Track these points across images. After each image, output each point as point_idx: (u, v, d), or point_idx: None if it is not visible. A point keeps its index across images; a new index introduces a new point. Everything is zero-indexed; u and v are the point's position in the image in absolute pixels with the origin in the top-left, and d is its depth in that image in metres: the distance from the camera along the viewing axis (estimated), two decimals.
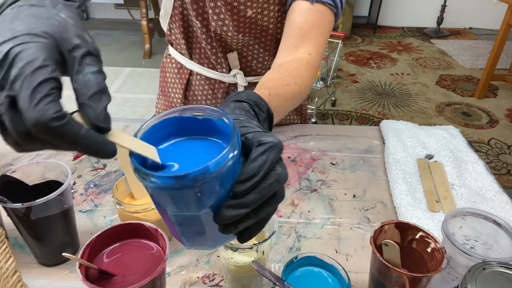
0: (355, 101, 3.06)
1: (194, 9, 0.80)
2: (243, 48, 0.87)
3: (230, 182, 0.34)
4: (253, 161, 0.34)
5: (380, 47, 4.07)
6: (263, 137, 0.36)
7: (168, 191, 0.32)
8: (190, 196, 0.33)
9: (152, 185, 0.32)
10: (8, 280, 0.51)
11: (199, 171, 0.31)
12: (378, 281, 0.54)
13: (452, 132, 0.97)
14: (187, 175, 0.31)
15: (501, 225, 0.56)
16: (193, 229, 0.36)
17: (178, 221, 0.36)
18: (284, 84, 0.61)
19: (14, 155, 0.87)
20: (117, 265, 0.51)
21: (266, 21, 0.81)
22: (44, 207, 0.56)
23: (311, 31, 0.71)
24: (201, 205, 0.34)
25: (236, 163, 0.34)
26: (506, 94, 3.21)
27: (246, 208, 0.34)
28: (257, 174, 0.34)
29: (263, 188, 0.34)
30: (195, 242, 0.39)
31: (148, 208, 0.61)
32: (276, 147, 0.35)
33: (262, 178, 0.34)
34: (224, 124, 0.37)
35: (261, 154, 0.34)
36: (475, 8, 4.48)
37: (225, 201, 0.34)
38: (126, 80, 3.26)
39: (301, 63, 0.68)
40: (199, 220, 0.35)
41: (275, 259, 0.66)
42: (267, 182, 0.34)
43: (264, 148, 0.35)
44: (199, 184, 0.32)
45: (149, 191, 0.35)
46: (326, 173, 0.85)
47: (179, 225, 0.37)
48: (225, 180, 0.33)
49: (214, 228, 0.36)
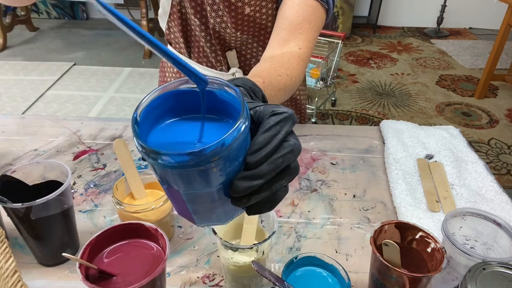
0: (355, 101, 3.06)
1: (192, 6, 0.80)
2: (241, 47, 0.87)
3: (243, 154, 0.33)
4: (266, 131, 0.33)
5: (380, 47, 4.07)
6: (276, 108, 0.35)
7: (182, 169, 0.31)
8: (205, 172, 0.31)
9: (164, 164, 0.30)
10: (8, 280, 0.51)
11: (215, 146, 0.30)
12: (378, 281, 0.54)
13: (452, 132, 0.97)
14: (203, 151, 0.29)
15: (501, 225, 0.56)
16: (206, 205, 0.35)
17: (190, 199, 0.35)
18: (277, 74, 0.61)
19: (14, 155, 0.88)
20: (117, 265, 0.51)
21: (264, 19, 0.81)
22: (44, 207, 0.56)
23: (302, 25, 0.72)
24: (216, 180, 0.32)
25: (248, 134, 0.33)
26: (506, 94, 3.21)
27: (259, 179, 0.33)
28: (271, 144, 0.33)
29: (276, 159, 0.33)
30: (206, 219, 0.37)
31: (148, 208, 0.61)
32: (291, 117, 0.34)
33: (275, 148, 0.33)
34: (227, 94, 0.35)
35: (275, 124, 0.33)
36: (475, 8, 4.47)
37: (237, 173, 0.33)
38: (126, 80, 3.26)
39: (292, 56, 0.68)
40: (213, 195, 0.34)
41: (275, 259, 0.66)
42: (281, 153, 0.33)
43: (279, 118, 0.34)
44: (215, 159, 0.30)
45: (159, 171, 0.33)
46: (326, 173, 0.85)
47: (191, 203, 0.35)
48: (239, 151, 0.32)
49: (226, 202, 0.35)
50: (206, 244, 0.68)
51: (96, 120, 1.01)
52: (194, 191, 0.33)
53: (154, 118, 0.36)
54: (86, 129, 0.97)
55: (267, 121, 0.34)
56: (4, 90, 3.03)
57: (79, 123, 1.00)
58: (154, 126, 0.36)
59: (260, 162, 0.33)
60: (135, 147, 1.02)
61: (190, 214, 0.37)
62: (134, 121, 0.34)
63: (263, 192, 0.34)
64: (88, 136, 0.95)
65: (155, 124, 0.36)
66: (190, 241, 0.68)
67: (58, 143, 0.92)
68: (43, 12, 4.51)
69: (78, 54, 3.69)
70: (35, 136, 0.94)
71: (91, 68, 3.43)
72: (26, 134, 0.95)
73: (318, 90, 2.61)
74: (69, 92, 3.03)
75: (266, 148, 0.33)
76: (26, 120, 1.00)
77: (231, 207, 0.36)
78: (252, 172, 0.33)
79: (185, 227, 0.71)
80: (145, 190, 0.66)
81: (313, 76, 2.57)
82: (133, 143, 0.92)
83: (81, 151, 0.90)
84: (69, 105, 2.87)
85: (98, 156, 0.88)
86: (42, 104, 2.87)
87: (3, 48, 3.69)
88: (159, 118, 0.36)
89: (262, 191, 0.34)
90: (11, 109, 2.80)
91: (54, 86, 3.12)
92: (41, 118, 1.01)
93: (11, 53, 3.67)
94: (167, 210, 0.64)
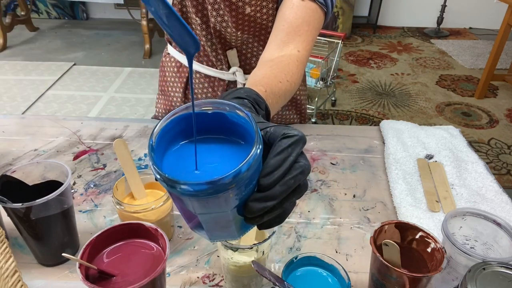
0: (355, 101, 3.06)
1: (194, 5, 0.80)
2: (242, 46, 0.87)
3: (256, 177, 0.34)
4: (278, 154, 0.34)
5: (380, 47, 4.07)
6: (287, 130, 0.36)
7: (200, 197, 0.32)
8: (222, 198, 0.32)
9: (183, 192, 0.31)
10: (8, 280, 0.51)
11: (233, 174, 0.31)
12: (378, 281, 0.54)
13: (452, 132, 0.97)
14: (221, 180, 0.31)
15: (501, 225, 0.56)
16: (219, 225, 0.36)
17: (206, 220, 0.36)
18: (277, 81, 0.62)
19: (14, 155, 0.88)
20: (117, 265, 0.51)
21: (265, 19, 0.81)
22: (44, 207, 0.56)
23: (301, 27, 0.72)
24: (231, 204, 0.34)
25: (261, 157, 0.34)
26: (506, 94, 3.21)
27: (272, 200, 0.34)
28: (282, 166, 0.34)
29: (288, 180, 0.34)
30: (219, 236, 0.39)
31: (148, 208, 0.61)
32: (301, 140, 0.36)
33: (287, 170, 0.34)
34: (238, 117, 0.36)
35: (286, 147, 0.35)
36: (475, 8, 4.47)
37: (251, 195, 0.34)
38: (126, 80, 3.26)
39: (291, 60, 0.69)
40: (227, 216, 0.35)
41: (275, 259, 0.66)
42: (292, 174, 0.34)
43: (290, 141, 0.35)
44: (232, 186, 0.31)
45: (175, 196, 0.34)
46: (326, 173, 0.85)
47: (206, 224, 0.36)
48: (253, 175, 0.33)
49: (239, 221, 0.36)
50: (206, 244, 0.68)
51: (96, 120, 1.01)
52: (210, 214, 0.35)
53: (168, 141, 0.37)
54: (86, 129, 0.97)
55: (279, 143, 0.35)
56: (4, 90, 3.03)
57: (79, 123, 1.00)
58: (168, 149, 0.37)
59: (273, 184, 0.34)
60: (135, 147, 1.01)
61: (204, 232, 0.38)
62: (151, 149, 0.34)
63: (275, 211, 0.36)
64: (88, 136, 0.95)
65: (169, 147, 0.37)
66: (190, 241, 0.68)
67: (58, 143, 0.92)
68: (43, 12, 4.51)
69: (78, 54, 3.69)
70: (35, 136, 0.94)
71: (91, 68, 3.43)
72: (26, 134, 0.95)
73: (318, 90, 2.61)
74: (69, 92, 3.03)
75: (278, 171, 0.34)
76: (26, 120, 1.00)
77: (244, 225, 0.37)
78: (266, 194, 0.34)
79: (185, 227, 0.71)
80: (145, 190, 0.66)
81: (313, 76, 2.57)
82: (133, 143, 0.92)
83: (81, 151, 0.90)
84: (69, 105, 2.87)
85: (98, 156, 0.88)
86: (42, 104, 2.87)
87: (3, 48, 3.69)
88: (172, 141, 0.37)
89: (275, 210, 0.35)
90: (11, 109, 2.80)
91: (54, 86, 3.12)
92: (41, 118, 1.01)
93: (11, 53, 3.67)
94: (167, 210, 0.64)
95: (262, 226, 0.38)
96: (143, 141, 0.94)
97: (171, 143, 0.37)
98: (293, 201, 0.37)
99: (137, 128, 0.98)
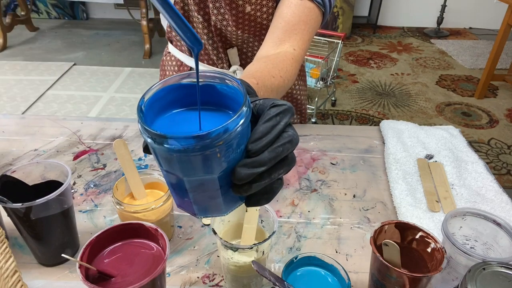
0: (355, 101, 3.06)
1: (196, 3, 0.81)
2: (243, 45, 0.87)
3: (244, 142, 0.34)
4: (267, 121, 0.35)
5: (380, 47, 4.07)
6: (275, 101, 0.37)
7: (187, 154, 0.32)
8: (209, 157, 0.32)
9: (170, 148, 0.31)
10: (8, 280, 0.51)
11: (220, 130, 0.31)
12: (378, 281, 0.54)
13: (452, 132, 0.97)
14: (209, 134, 0.31)
15: (501, 225, 0.56)
16: (207, 194, 0.36)
17: (193, 187, 0.35)
18: (270, 76, 0.62)
19: (14, 155, 0.88)
20: (117, 265, 0.51)
21: (264, 18, 0.82)
22: (44, 207, 0.56)
23: (297, 26, 0.73)
24: (219, 166, 0.33)
25: (249, 124, 0.34)
26: (506, 94, 3.21)
27: (261, 166, 0.34)
28: (271, 133, 0.35)
29: (276, 147, 0.35)
30: (206, 209, 0.38)
31: (148, 208, 0.61)
32: (289, 110, 0.36)
33: (275, 138, 0.35)
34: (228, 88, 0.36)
35: (275, 115, 0.35)
36: (475, 8, 4.47)
37: (239, 161, 0.34)
38: (126, 80, 3.26)
39: (286, 57, 0.69)
40: (214, 183, 0.35)
41: (275, 259, 0.66)
42: (281, 142, 0.35)
43: (279, 110, 0.36)
44: (219, 143, 0.31)
45: (164, 157, 0.34)
46: (326, 173, 0.85)
47: (193, 192, 0.36)
48: (241, 139, 0.34)
49: (227, 191, 0.36)
50: (206, 244, 0.68)
51: (96, 120, 1.01)
52: (197, 177, 0.34)
53: (158, 109, 0.37)
54: (86, 129, 0.97)
55: (268, 112, 0.36)
56: (4, 90, 3.03)
57: (79, 123, 1.00)
58: (158, 117, 0.37)
59: (261, 150, 0.34)
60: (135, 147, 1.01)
61: (190, 205, 0.38)
62: (139, 110, 0.34)
63: (263, 180, 0.35)
64: (88, 136, 0.95)
65: (159, 115, 0.37)
66: (190, 241, 0.68)
67: (58, 143, 0.92)
68: (43, 12, 4.51)
69: (78, 54, 3.69)
70: (35, 136, 0.94)
71: (91, 68, 3.43)
72: (26, 134, 0.95)
73: (318, 90, 2.61)
74: (69, 92, 3.03)
75: (267, 137, 0.34)
76: (26, 120, 1.00)
77: (231, 197, 0.37)
78: (254, 159, 0.34)
79: (185, 227, 0.71)
80: (145, 190, 0.66)
81: (313, 76, 2.57)
82: (133, 143, 0.92)
83: (81, 151, 0.90)
84: (69, 105, 2.87)
85: (98, 156, 0.88)
86: (42, 104, 2.87)
87: (3, 48, 3.69)
88: (162, 109, 0.37)
89: (263, 179, 0.35)
90: (11, 109, 2.80)
91: (54, 86, 3.12)
92: (41, 118, 1.01)
93: (11, 53, 3.67)
94: (167, 210, 0.64)
95: (250, 201, 0.37)
96: (143, 141, 0.94)
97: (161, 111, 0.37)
98: (281, 176, 0.37)
99: (137, 128, 0.98)
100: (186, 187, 0.35)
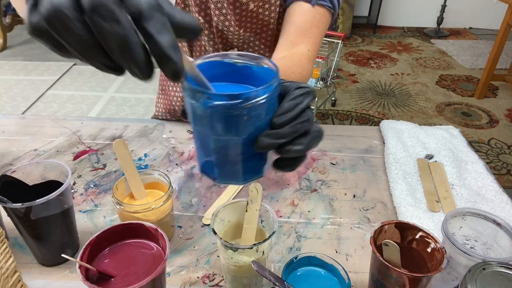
0: (355, 101, 3.06)
1: (197, 4, 0.81)
2: (243, 45, 0.88)
3: (270, 115, 0.38)
4: (292, 99, 0.39)
5: (380, 47, 4.07)
6: (300, 84, 0.41)
7: (219, 110, 0.35)
8: (238, 118, 0.35)
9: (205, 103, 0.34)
10: (8, 280, 0.51)
11: (251, 93, 0.35)
12: (378, 281, 0.54)
13: (452, 132, 0.97)
14: (240, 95, 0.34)
15: (501, 225, 0.56)
16: (229, 158, 0.39)
17: (217, 147, 0.38)
18: (291, 71, 0.65)
19: (14, 155, 0.88)
20: (117, 265, 0.51)
21: (267, 15, 0.82)
22: (44, 207, 0.56)
23: (310, 30, 0.75)
24: (245, 129, 0.37)
25: (277, 98, 0.38)
26: (506, 94, 3.21)
27: (281, 138, 0.38)
28: (294, 110, 0.38)
29: (297, 124, 0.38)
30: (226, 174, 0.41)
31: (148, 208, 0.61)
32: (312, 92, 0.40)
33: (298, 115, 0.39)
34: (263, 69, 0.40)
35: (299, 95, 0.39)
36: (475, 8, 4.48)
37: (263, 131, 0.38)
38: (126, 80, 3.26)
39: (302, 56, 0.72)
40: (238, 146, 0.38)
41: (275, 259, 0.66)
42: (301, 119, 0.39)
43: (302, 91, 0.40)
44: (248, 106, 0.35)
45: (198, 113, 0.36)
46: (326, 173, 0.85)
47: (216, 153, 0.39)
48: (268, 110, 0.37)
49: (248, 160, 0.39)
50: (206, 244, 0.68)
51: (96, 120, 1.01)
52: (223, 137, 0.37)
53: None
54: (86, 129, 0.97)
55: (293, 92, 0.40)
56: (4, 90, 3.03)
57: (79, 123, 1.00)
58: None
59: (284, 124, 0.38)
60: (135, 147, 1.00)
61: (212, 168, 0.41)
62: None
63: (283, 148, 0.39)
64: (88, 136, 0.95)
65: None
66: (190, 241, 0.68)
67: (58, 143, 0.92)
68: None
69: None
70: (35, 136, 0.94)
71: (91, 68, 3.41)
72: (26, 134, 0.95)
73: (318, 90, 2.61)
74: (69, 92, 3.03)
75: (290, 113, 0.38)
76: (26, 120, 1.00)
77: (251, 167, 0.40)
78: (276, 131, 0.38)
79: (185, 227, 0.71)
80: (145, 190, 0.66)
81: (313, 76, 2.57)
82: (133, 143, 0.92)
83: (81, 151, 0.90)
84: (69, 105, 2.87)
85: (98, 156, 0.88)
86: (42, 104, 2.87)
87: (3, 48, 3.69)
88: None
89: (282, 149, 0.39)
90: (11, 109, 2.80)
91: (54, 86, 3.12)
92: (41, 118, 1.01)
93: (11, 53, 3.67)
94: (167, 210, 0.64)
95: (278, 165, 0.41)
96: (143, 141, 0.94)
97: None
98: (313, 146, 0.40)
99: (137, 128, 0.98)
100: (212, 146, 0.38)
